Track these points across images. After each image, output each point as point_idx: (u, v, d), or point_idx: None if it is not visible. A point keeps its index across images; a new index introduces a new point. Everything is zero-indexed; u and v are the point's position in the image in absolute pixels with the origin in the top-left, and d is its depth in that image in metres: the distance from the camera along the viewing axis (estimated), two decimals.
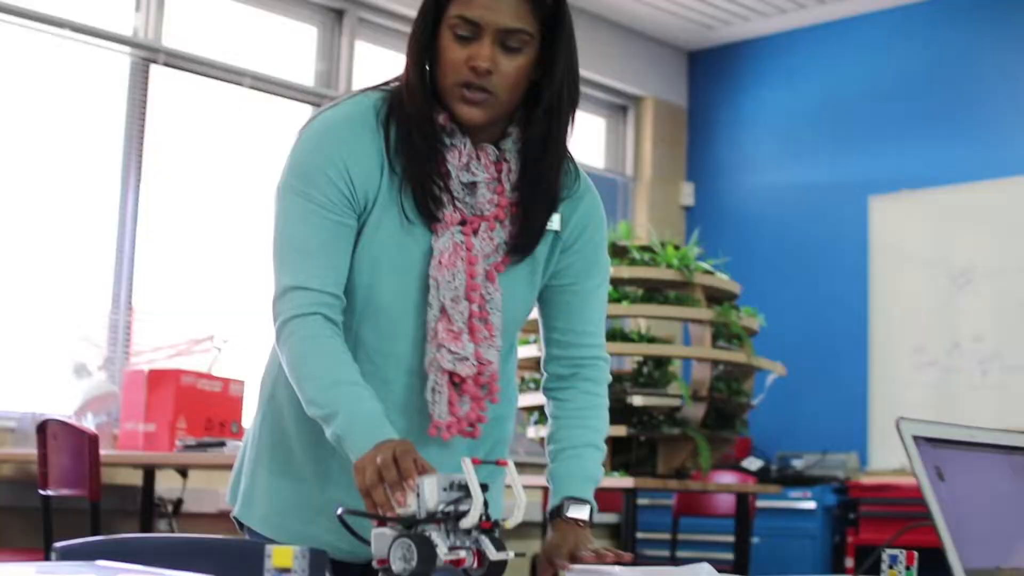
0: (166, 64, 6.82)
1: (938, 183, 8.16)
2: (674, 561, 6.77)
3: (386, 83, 2.30)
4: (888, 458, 7.98)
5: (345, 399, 2.13)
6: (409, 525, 1.86)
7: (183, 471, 5.99)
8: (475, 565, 1.87)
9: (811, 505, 7.73)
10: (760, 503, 7.44)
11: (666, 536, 7.25)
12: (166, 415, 5.48)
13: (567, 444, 2.36)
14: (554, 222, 2.31)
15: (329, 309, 2.19)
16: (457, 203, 2.24)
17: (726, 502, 6.84)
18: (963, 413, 7.69)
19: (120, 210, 6.57)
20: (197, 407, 5.56)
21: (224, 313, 6.75)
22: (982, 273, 7.97)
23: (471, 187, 2.24)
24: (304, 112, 7.43)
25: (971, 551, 1.77)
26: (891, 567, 2.34)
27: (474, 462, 1.85)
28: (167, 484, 6.06)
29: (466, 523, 1.83)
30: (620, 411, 5.47)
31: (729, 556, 6.33)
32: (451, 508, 1.85)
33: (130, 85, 6.71)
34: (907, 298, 8.25)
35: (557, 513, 2.27)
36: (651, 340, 5.84)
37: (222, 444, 5.11)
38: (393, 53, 7.88)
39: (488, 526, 1.86)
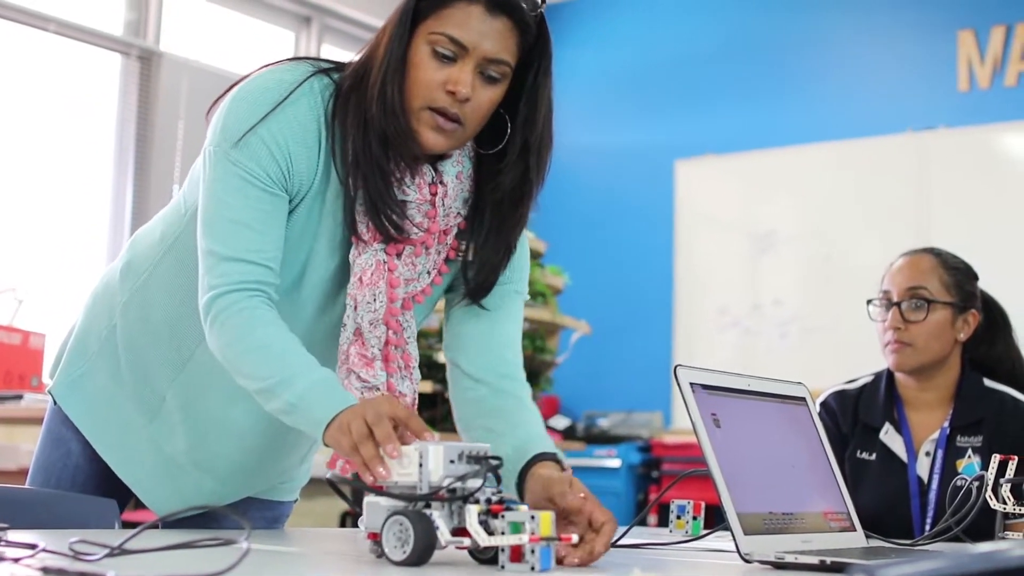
0: None
1: (742, 148, 8.34)
2: None
3: (326, 65, 2.10)
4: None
5: (294, 365, 1.92)
6: (408, 499, 1.61)
7: None
8: (480, 546, 1.60)
9: (616, 463, 7.86)
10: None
11: None
12: None
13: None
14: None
15: (265, 284, 1.99)
16: None
17: None
18: (764, 373, 7.87)
19: None
20: None
21: (26, 264, 6.59)
22: (783, 237, 8.17)
23: (400, 206, 2.04)
24: (112, 61, 7.28)
25: (744, 496, 1.83)
26: (679, 517, 2.40)
27: None
28: None
29: (474, 510, 1.57)
30: (426, 367, 5.50)
31: None
32: (458, 485, 1.60)
33: None
34: (711, 260, 8.42)
35: (535, 460, 1.98)
36: None
37: (19, 397, 5.01)
38: (204, 2, 7.78)
39: (499, 510, 1.59)
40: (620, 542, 2.07)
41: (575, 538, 1.70)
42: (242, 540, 1.46)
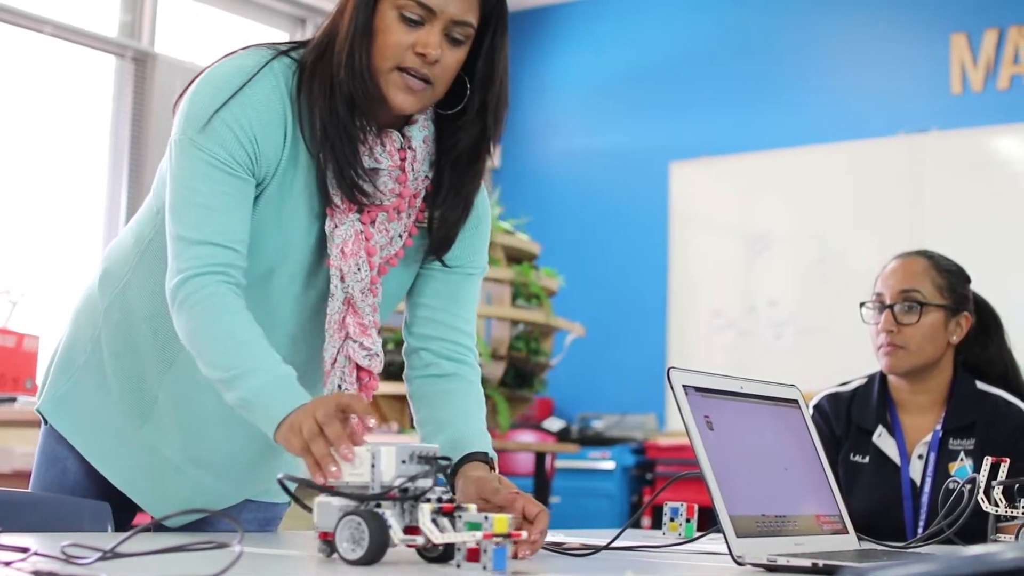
0: None
1: (737, 150, 8.34)
2: None
3: (285, 47, 2.14)
4: None
5: (256, 359, 1.94)
6: (360, 499, 1.63)
7: None
8: (429, 544, 1.61)
9: (610, 465, 7.86)
10: (560, 463, 7.54)
11: None
12: None
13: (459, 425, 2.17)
14: None
15: (233, 268, 2.01)
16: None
17: (526, 461, 6.91)
18: (758, 375, 7.87)
19: None
20: None
21: (21, 266, 6.58)
22: (777, 239, 8.18)
23: (372, 173, 2.08)
24: (107, 63, 7.28)
25: (737, 498, 1.83)
26: (672, 519, 2.40)
27: None
28: None
29: (427, 509, 1.59)
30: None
31: None
32: (409, 485, 1.62)
33: None
34: (706, 262, 8.42)
35: (466, 459, 2.07)
36: None
37: (13, 400, 5.00)
38: (199, 4, 7.78)
39: (450, 509, 1.61)
40: (613, 544, 2.07)
41: (524, 533, 1.74)
42: (235, 543, 1.47)
